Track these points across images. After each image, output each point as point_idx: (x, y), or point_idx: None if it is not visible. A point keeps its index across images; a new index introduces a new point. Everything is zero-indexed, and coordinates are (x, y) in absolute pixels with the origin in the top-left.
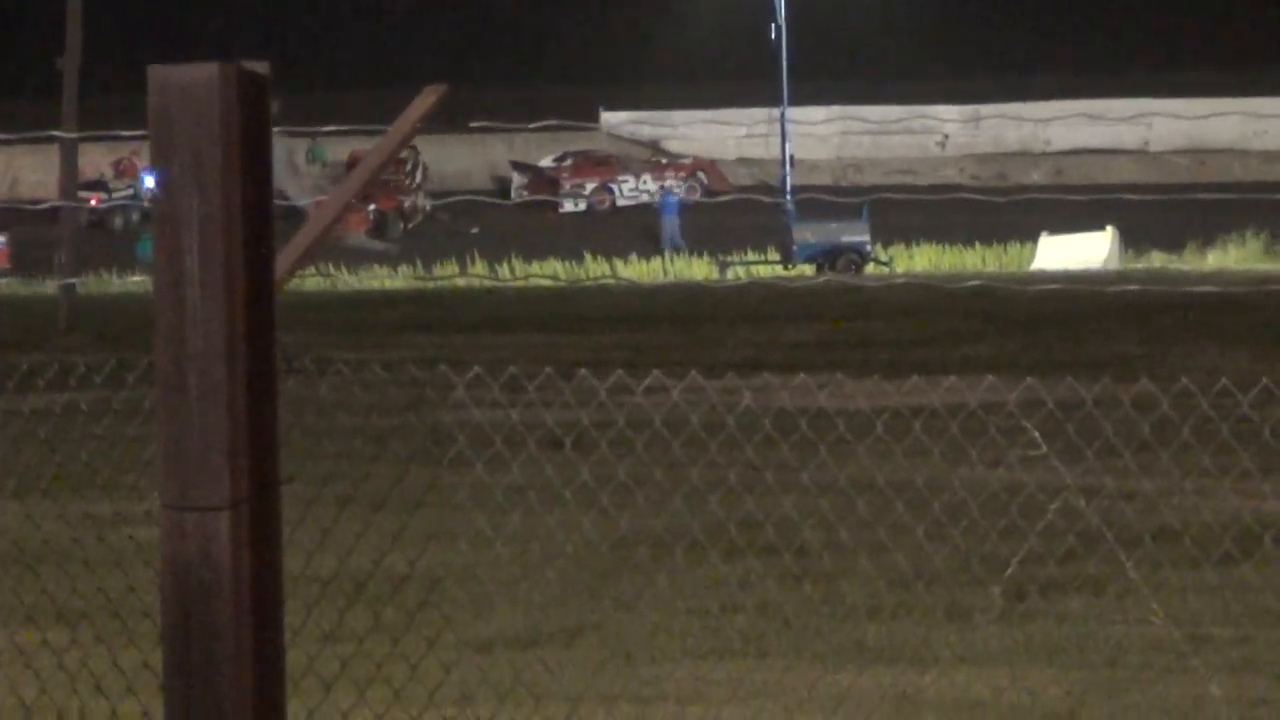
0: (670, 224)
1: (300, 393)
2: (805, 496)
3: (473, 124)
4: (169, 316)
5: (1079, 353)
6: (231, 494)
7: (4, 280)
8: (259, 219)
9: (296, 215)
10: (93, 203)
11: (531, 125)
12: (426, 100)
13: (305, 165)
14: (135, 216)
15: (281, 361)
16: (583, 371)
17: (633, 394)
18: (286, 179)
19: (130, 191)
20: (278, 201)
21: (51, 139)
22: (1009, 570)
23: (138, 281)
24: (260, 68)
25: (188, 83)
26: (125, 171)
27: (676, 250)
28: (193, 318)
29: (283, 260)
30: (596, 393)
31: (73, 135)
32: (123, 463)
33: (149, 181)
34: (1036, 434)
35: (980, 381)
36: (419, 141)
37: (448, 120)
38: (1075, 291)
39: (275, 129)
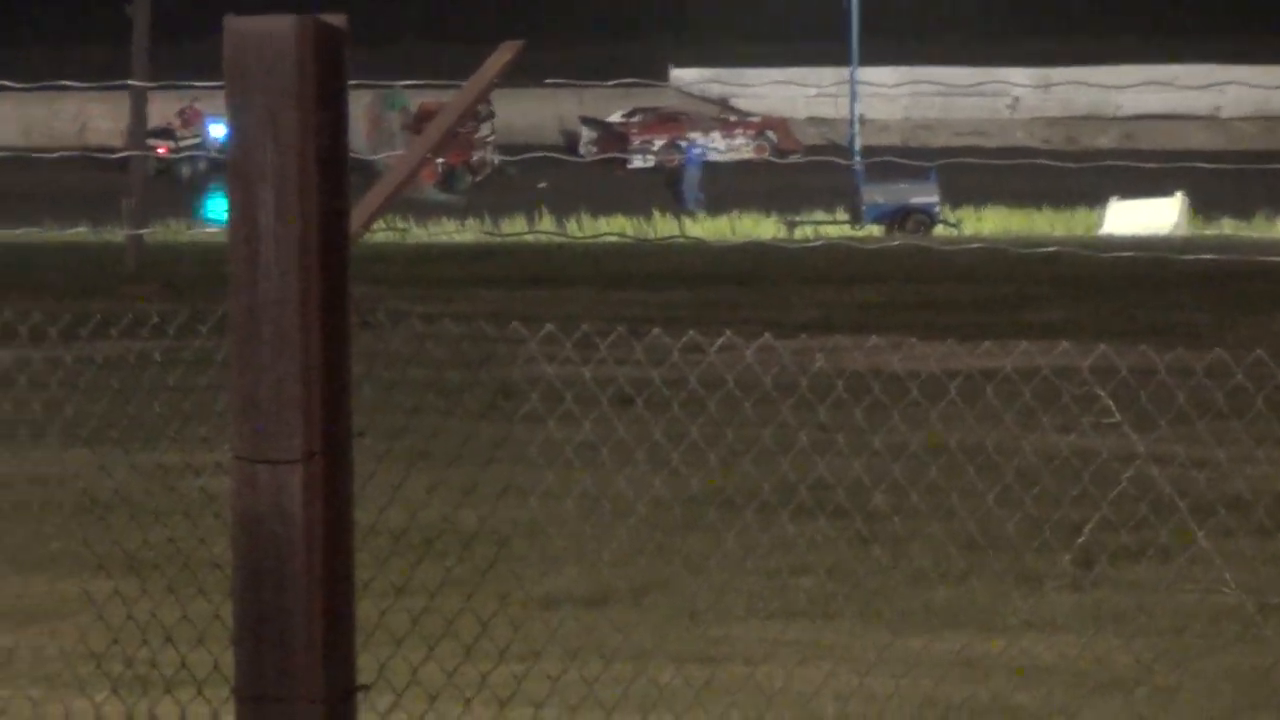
0: (692, 179)
1: (372, 346)
2: (877, 459)
3: (547, 80)
4: (243, 269)
5: (1149, 319)
6: (304, 447)
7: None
8: (334, 173)
9: (364, 169)
10: (161, 152)
11: (605, 83)
12: (503, 55)
13: (385, 112)
14: (202, 165)
15: (354, 315)
16: (656, 330)
17: (704, 353)
18: (361, 131)
19: (197, 140)
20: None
21: (122, 87)
22: (1080, 537)
23: (207, 233)
24: (338, 20)
25: (264, 34)
26: (190, 120)
27: (696, 206)
28: (266, 271)
29: (358, 214)
30: (669, 351)
31: (144, 84)
32: (195, 413)
33: (214, 130)
34: (1110, 401)
35: (1053, 346)
36: (491, 96)
37: (522, 75)
38: (1146, 258)
39: (350, 82)
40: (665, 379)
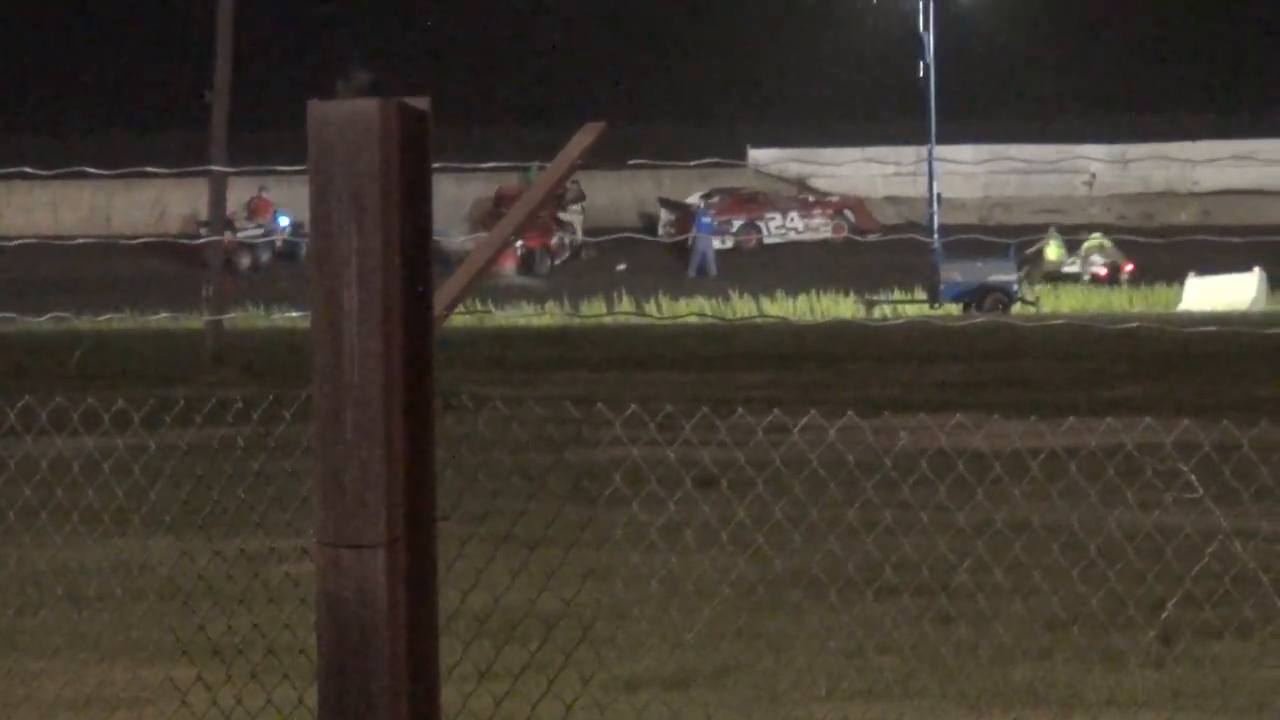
0: (705, 247)
1: (455, 430)
2: (961, 537)
3: (630, 161)
4: (327, 353)
5: (1230, 395)
6: (388, 531)
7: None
8: (418, 256)
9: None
10: (224, 242)
11: (685, 163)
12: (586, 137)
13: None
14: (265, 256)
15: (437, 399)
16: (740, 410)
17: (788, 433)
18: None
19: (258, 230)
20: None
21: (201, 173)
22: (1163, 614)
23: (288, 318)
24: (421, 103)
25: (348, 117)
26: (257, 210)
27: (704, 275)
28: (350, 354)
29: (440, 297)
30: (752, 431)
31: (223, 170)
32: (279, 498)
33: (284, 220)
34: (1193, 477)
35: (1136, 423)
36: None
37: (601, 157)
38: (1226, 334)
39: (435, 165)
40: (749, 459)
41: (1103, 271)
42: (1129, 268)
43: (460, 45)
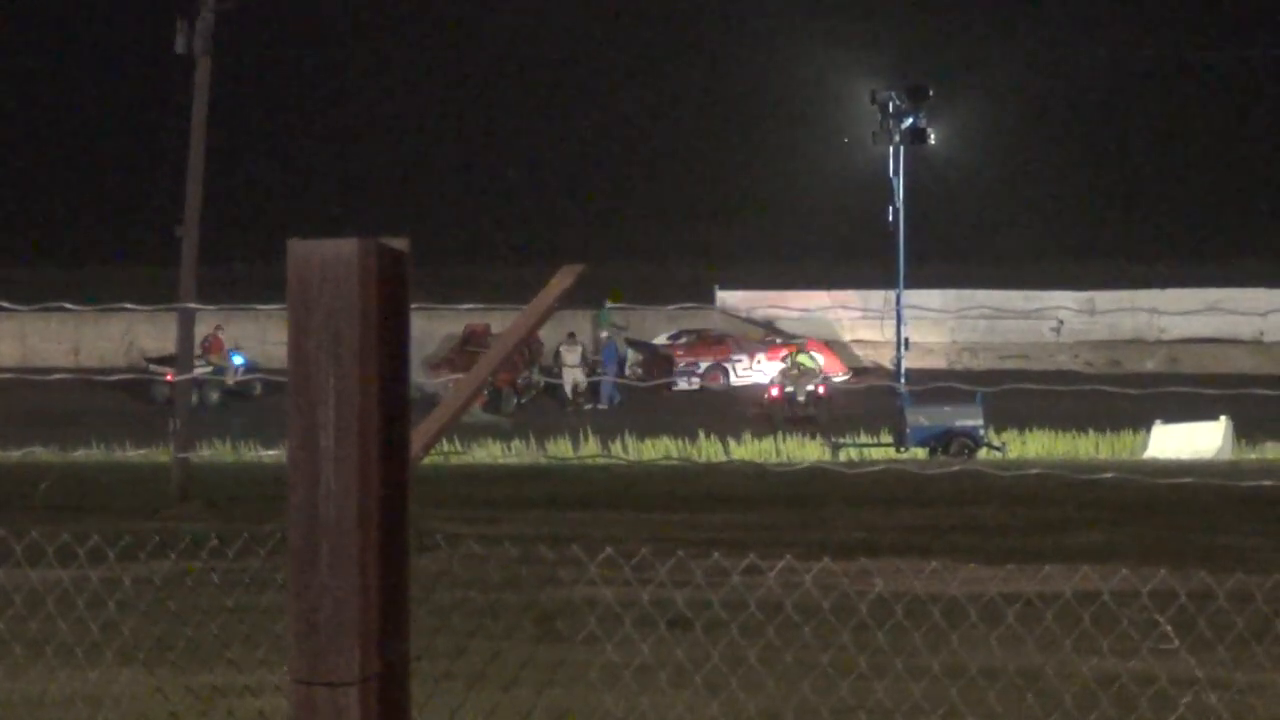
0: (609, 373)
1: (430, 568)
2: (936, 684)
3: (610, 304)
4: (302, 491)
5: (1199, 543)
6: (361, 669)
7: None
8: (395, 395)
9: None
10: (168, 378)
11: (656, 305)
12: (564, 279)
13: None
14: (214, 395)
15: (413, 538)
16: (715, 556)
17: (762, 574)
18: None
19: (208, 369)
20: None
21: (173, 309)
22: None
23: (251, 455)
24: (400, 244)
25: (328, 258)
26: (210, 348)
27: (611, 403)
28: (326, 493)
29: (418, 436)
30: (726, 573)
31: (193, 306)
32: (251, 635)
33: (238, 359)
34: (1169, 627)
35: (1112, 571)
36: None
37: (577, 297)
38: (1196, 484)
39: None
40: (723, 601)
41: (821, 390)
42: (822, 389)
43: (432, 183)
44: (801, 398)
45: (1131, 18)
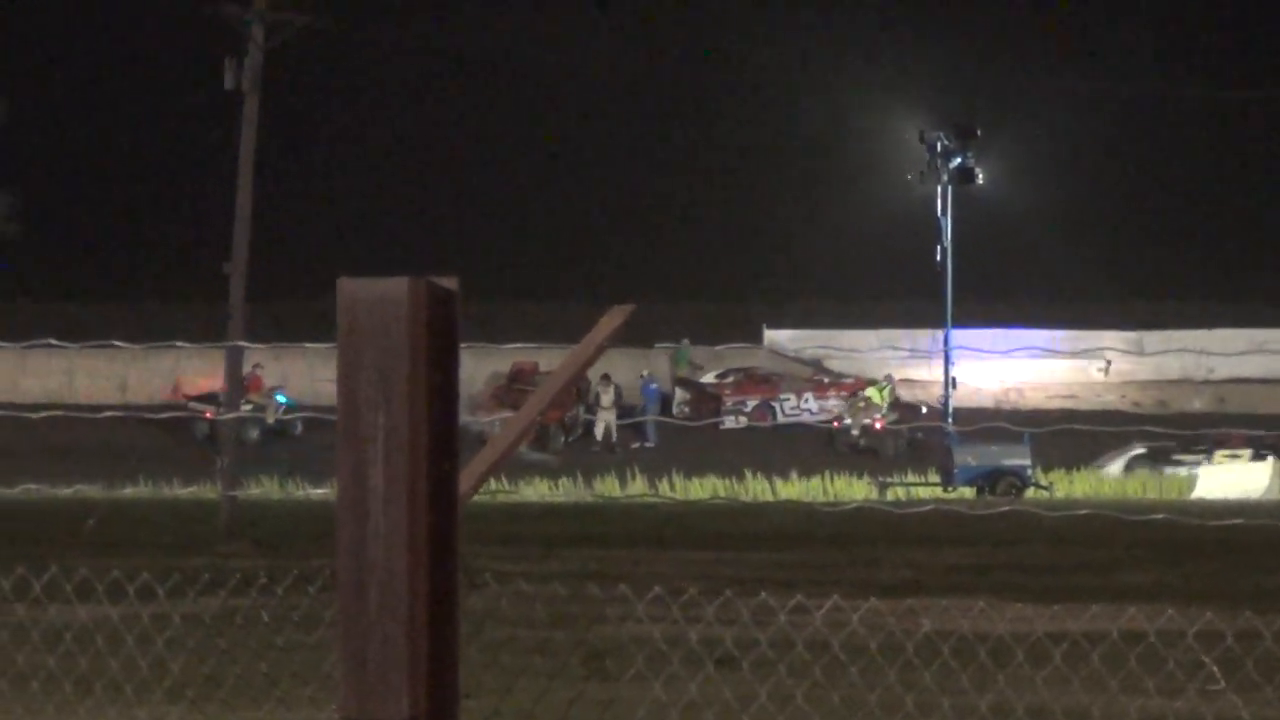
0: (651, 412)
1: (478, 606)
2: None
3: (657, 344)
4: (351, 530)
5: (1247, 584)
6: (410, 709)
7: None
8: (445, 434)
9: None
10: (207, 416)
11: (706, 345)
12: (614, 319)
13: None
14: (254, 434)
15: (463, 576)
16: (763, 595)
17: (809, 614)
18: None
19: (248, 408)
20: None
21: (222, 347)
22: None
23: (298, 492)
24: (449, 282)
25: (377, 296)
26: (250, 387)
27: (646, 444)
28: (375, 532)
29: (467, 475)
30: (773, 612)
31: (241, 344)
32: (300, 672)
33: (281, 398)
34: (1215, 669)
35: (1158, 612)
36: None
37: (627, 336)
38: (1245, 525)
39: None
40: (771, 640)
41: (877, 425)
42: (878, 424)
43: (481, 222)
44: (856, 431)
45: (1179, 57)
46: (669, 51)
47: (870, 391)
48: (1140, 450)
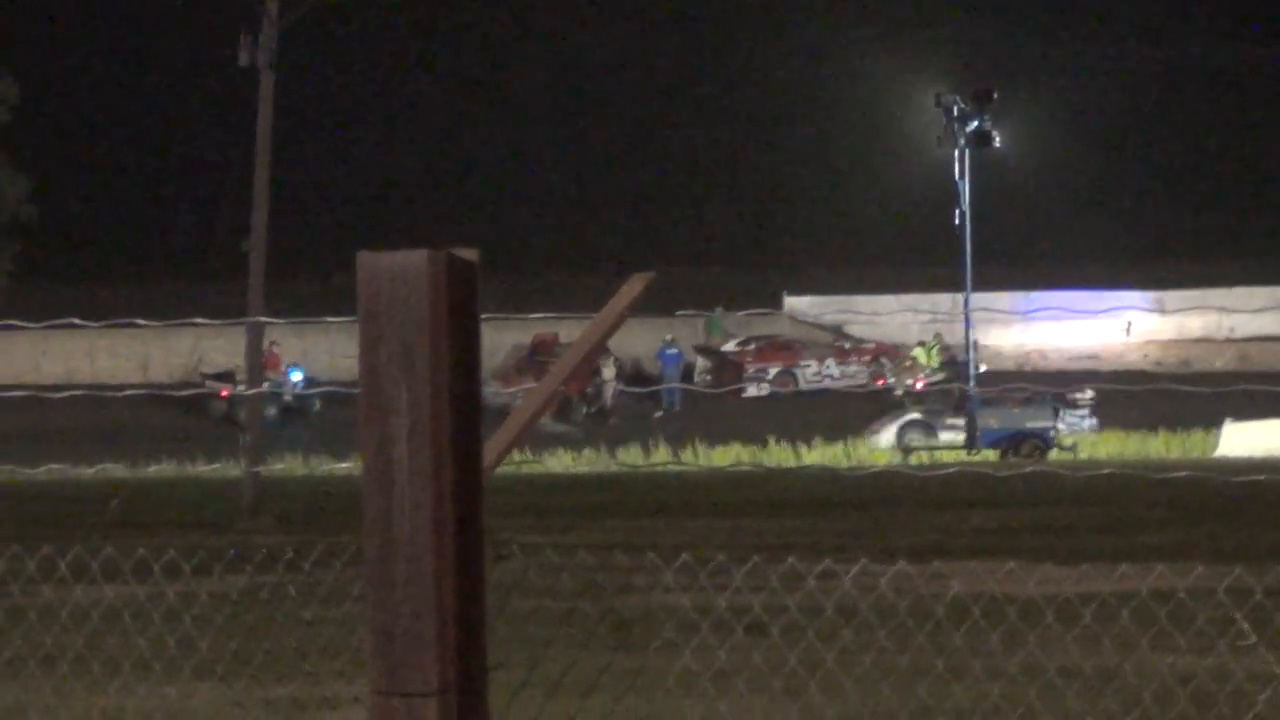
0: (671, 378)
1: (505, 577)
2: (1013, 684)
3: (678, 312)
4: (377, 504)
5: (1275, 540)
6: (439, 681)
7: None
8: (468, 406)
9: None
10: (224, 394)
11: (726, 312)
12: (634, 287)
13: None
14: (271, 411)
15: (488, 547)
16: (790, 560)
17: (838, 579)
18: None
19: (264, 385)
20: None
21: (241, 323)
22: None
23: (319, 468)
24: (470, 254)
25: (397, 269)
26: (266, 364)
27: (671, 407)
28: (401, 506)
29: (491, 447)
30: (801, 578)
31: (262, 319)
32: (329, 647)
33: (296, 376)
34: (1246, 625)
35: (1187, 569)
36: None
37: (647, 304)
38: (1270, 481)
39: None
40: (800, 606)
41: (918, 385)
42: (919, 384)
43: (499, 193)
44: (899, 391)
45: (1197, 17)
46: (687, 19)
47: (917, 351)
48: (914, 416)
